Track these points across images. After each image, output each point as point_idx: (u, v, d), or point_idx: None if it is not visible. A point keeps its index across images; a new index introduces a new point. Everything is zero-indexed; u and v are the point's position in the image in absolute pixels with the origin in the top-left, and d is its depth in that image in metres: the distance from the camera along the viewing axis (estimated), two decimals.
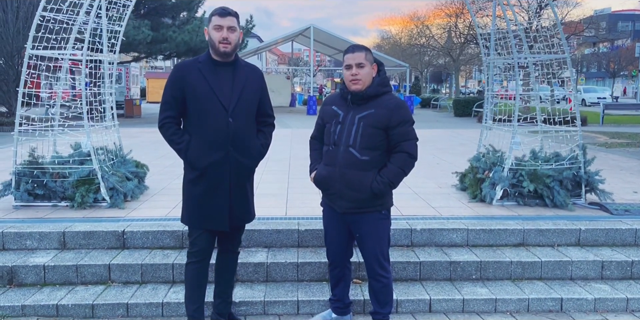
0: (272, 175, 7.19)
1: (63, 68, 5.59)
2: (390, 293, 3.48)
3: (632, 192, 6.12)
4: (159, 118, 3.28)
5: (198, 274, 3.34)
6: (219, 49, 3.16)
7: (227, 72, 3.23)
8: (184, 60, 3.32)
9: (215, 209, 3.23)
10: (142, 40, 19.72)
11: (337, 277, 3.59)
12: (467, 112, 23.04)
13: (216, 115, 3.16)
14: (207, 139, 3.18)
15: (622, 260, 4.30)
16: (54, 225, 4.52)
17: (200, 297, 3.38)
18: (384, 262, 3.40)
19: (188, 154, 3.21)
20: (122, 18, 5.91)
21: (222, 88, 3.18)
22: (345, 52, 3.27)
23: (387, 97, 3.28)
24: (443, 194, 5.98)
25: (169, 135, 3.24)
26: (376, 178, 3.22)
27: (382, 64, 3.35)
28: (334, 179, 3.29)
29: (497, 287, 4.12)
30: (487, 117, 6.24)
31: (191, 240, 3.34)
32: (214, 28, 3.16)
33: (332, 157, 3.30)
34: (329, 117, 3.37)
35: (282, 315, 3.86)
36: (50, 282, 4.09)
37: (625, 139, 13.45)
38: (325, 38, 29.68)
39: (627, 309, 3.97)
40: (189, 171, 3.28)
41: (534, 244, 4.58)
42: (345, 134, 3.25)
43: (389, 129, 3.21)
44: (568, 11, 29.63)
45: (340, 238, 3.46)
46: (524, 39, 5.64)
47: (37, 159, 5.27)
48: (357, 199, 3.26)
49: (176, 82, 3.21)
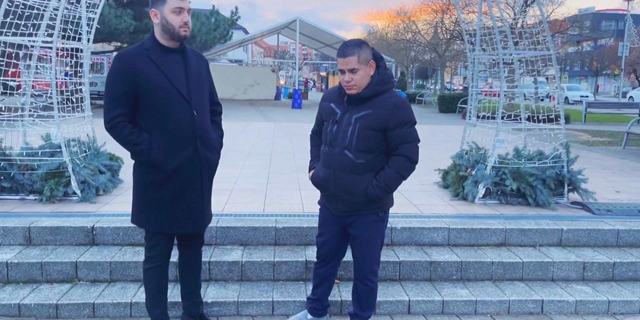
0: (252, 169, 7.03)
1: (34, 56, 5.36)
2: (374, 297, 3.37)
3: (615, 192, 6.08)
4: (105, 118, 2.89)
5: (160, 278, 3.14)
6: (180, 33, 2.88)
7: (177, 60, 2.94)
8: (127, 48, 2.96)
9: (187, 211, 3.01)
10: (124, 30, 19.31)
11: (322, 276, 3.44)
12: (452, 108, 23.02)
13: (179, 108, 2.90)
14: (173, 136, 2.90)
15: (604, 261, 4.24)
16: (19, 220, 4.32)
17: (163, 301, 3.20)
18: (374, 265, 3.27)
19: (152, 155, 2.90)
20: (96, 5, 5.68)
21: (176, 77, 2.90)
22: (338, 54, 3.00)
23: (387, 96, 3.03)
24: (425, 191, 5.88)
25: (124, 136, 2.89)
26: (372, 182, 3.03)
27: (381, 59, 3.06)
28: (329, 182, 3.12)
29: (478, 288, 4.02)
30: (471, 114, 6.14)
31: (150, 244, 3.09)
32: (172, 11, 2.85)
33: (327, 158, 3.12)
34: (326, 114, 3.18)
35: (256, 317, 3.73)
36: (14, 280, 3.90)
37: (607, 137, 13.51)
38: (312, 31, 29.44)
39: (609, 312, 3.90)
40: (150, 173, 2.96)
41: (516, 244, 4.49)
42: (341, 135, 3.04)
43: (388, 130, 2.99)
44: (553, 9, 29.81)
45: (335, 239, 3.31)
46: (509, 35, 5.55)
47: (4, 150, 5.05)
48: (353, 203, 3.09)
49: (125, 75, 2.85)
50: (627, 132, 11.28)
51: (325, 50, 36.32)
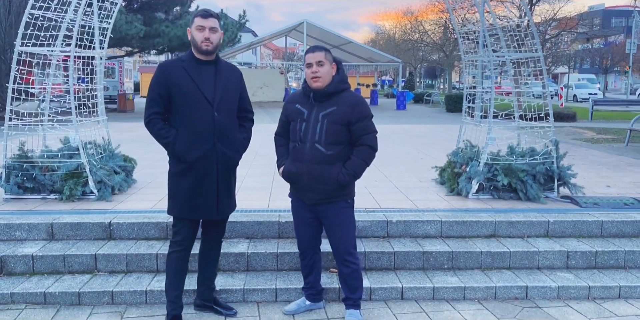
0: (258, 169, 7.36)
1: (52, 64, 5.74)
2: (359, 278, 3.67)
3: (605, 186, 6.33)
4: (145, 115, 3.47)
5: (182, 263, 3.55)
6: (202, 47, 3.38)
7: (209, 70, 3.46)
8: (168, 60, 3.53)
9: (204, 199, 3.45)
10: (135, 35, 19.76)
11: (309, 266, 3.79)
12: (459, 107, 23.18)
13: (202, 110, 3.37)
14: (194, 132, 3.39)
15: (587, 250, 4.51)
16: (43, 217, 4.68)
17: (181, 284, 3.58)
18: (350, 248, 3.59)
19: (176, 147, 3.41)
20: (110, 16, 6.04)
21: (205, 85, 3.40)
22: (306, 52, 3.52)
23: (346, 94, 3.50)
24: (422, 188, 6.17)
25: (156, 130, 3.43)
26: (341, 170, 3.44)
27: (340, 63, 3.58)
28: (301, 174, 3.50)
29: (467, 276, 4.31)
30: (467, 113, 6.42)
31: (175, 230, 3.54)
32: (196, 28, 3.39)
33: (299, 153, 3.50)
34: (293, 115, 3.57)
35: (260, 303, 4.05)
36: (39, 271, 4.26)
37: (612, 134, 13.66)
38: (319, 33, 29.77)
39: (589, 297, 4.17)
40: (176, 164, 3.47)
41: (505, 235, 4.77)
42: (311, 131, 3.45)
43: (351, 124, 3.44)
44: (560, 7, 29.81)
45: (310, 228, 3.67)
46: (502, 37, 5.81)
47: (26, 153, 5.43)
48: (324, 191, 3.47)
49: (161, 80, 3.41)
50: (630, 129, 11.42)
51: (333, 51, 36.53)
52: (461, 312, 3.91)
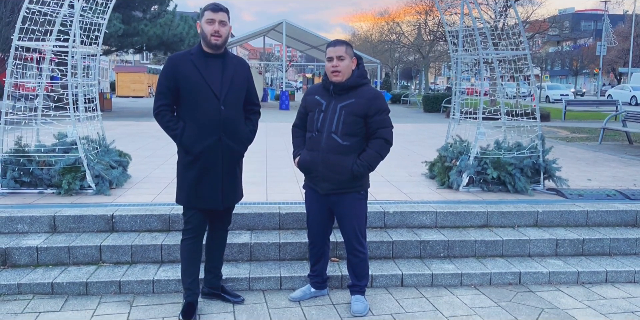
0: (251, 165, 7.44)
1: (46, 59, 5.74)
2: (366, 267, 3.81)
3: (587, 180, 6.61)
4: (154, 106, 3.52)
5: (194, 250, 3.62)
6: (211, 41, 3.42)
7: (217, 64, 3.50)
8: (177, 53, 3.58)
9: (209, 190, 3.52)
10: (113, 34, 19.56)
11: (317, 255, 3.91)
12: (436, 107, 23.63)
13: (209, 103, 3.42)
14: (200, 125, 3.44)
15: (574, 238, 4.74)
16: (44, 210, 4.70)
17: (195, 271, 3.65)
18: (361, 238, 3.72)
19: (183, 139, 3.47)
20: (105, 11, 6.07)
21: (213, 78, 3.45)
22: (328, 46, 3.59)
23: (365, 88, 3.61)
24: (413, 182, 6.36)
25: (165, 122, 3.49)
26: (356, 161, 3.55)
27: (361, 58, 3.68)
28: (317, 163, 3.60)
29: (463, 264, 4.49)
30: (455, 110, 6.63)
31: (186, 219, 3.61)
32: (206, 22, 3.42)
33: (315, 142, 3.60)
34: (312, 106, 3.67)
35: (266, 290, 4.15)
36: (43, 262, 4.28)
37: (585, 133, 14.12)
38: (297, 33, 29.85)
39: (578, 282, 4.40)
40: (184, 156, 3.54)
41: (497, 225, 4.98)
42: (328, 122, 3.55)
43: (368, 117, 3.55)
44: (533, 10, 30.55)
45: (322, 219, 3.78)
46: (489, 36, 6.04)
47: (23, 148, 5.42)
48: (338, 181, 3.58)
49: (170, 73, 3.45)
50: (603, 128, 11.85)
51: (311, 52, 36.75)
52: (459, 297, 4.09)
